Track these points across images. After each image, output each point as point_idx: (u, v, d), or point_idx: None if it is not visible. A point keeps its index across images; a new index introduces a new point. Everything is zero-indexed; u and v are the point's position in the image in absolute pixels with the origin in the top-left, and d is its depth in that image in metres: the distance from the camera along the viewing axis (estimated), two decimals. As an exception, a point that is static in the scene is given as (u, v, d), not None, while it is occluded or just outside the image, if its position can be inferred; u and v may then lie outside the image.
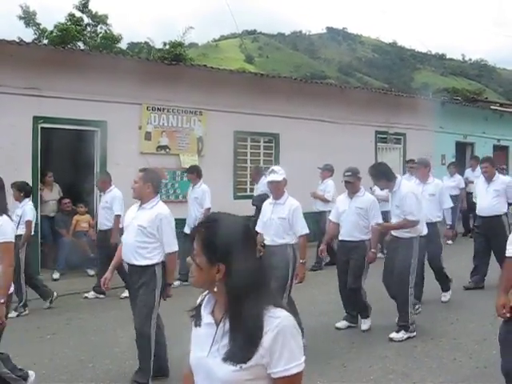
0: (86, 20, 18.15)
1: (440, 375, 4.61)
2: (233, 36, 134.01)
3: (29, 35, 16.89)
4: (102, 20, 18.45)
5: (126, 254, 4.47)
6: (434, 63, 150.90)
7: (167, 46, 16.88)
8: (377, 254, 5.96)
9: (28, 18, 17.92)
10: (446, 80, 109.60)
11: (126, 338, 5.38)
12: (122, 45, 20.20)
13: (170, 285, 4.54)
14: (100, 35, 18.30)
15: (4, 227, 3.74)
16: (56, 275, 8.69)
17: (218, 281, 1.62)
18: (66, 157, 9.97)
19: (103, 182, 7.77)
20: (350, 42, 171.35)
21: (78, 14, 17.75)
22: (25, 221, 6.70)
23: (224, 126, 10.69)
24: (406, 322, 5.52)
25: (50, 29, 17.18)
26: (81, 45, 16.58)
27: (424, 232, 5.82)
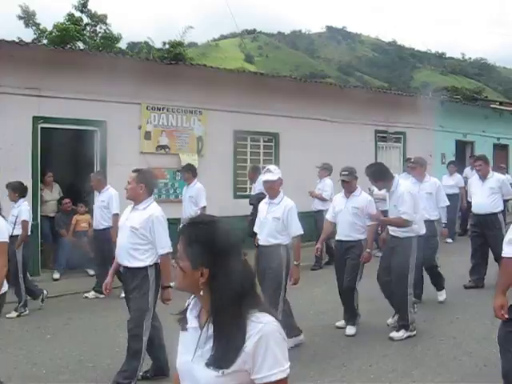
0: (86, 20, 18.08)
1: (440, 374, 4.61)
2: (232, 35, 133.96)
3: (28, 35, 16.86)
4: (102, 20, 18.40)
5: (120, 256, 4.42)
6: (434, 62, 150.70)
7: (167, 46, 16.82)
8: (372, 253, 5.86)
9: (27, 18, 17.88)
10: (445, 79, 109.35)
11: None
12: (122, 44, 20.14)
13: (167, 287, 4.34)
14: (99, 35, 18.25)
15: None
16: (56, 275, 8.71)
17: (202, 285, 1.59)
18: (65, 157, 9.96)
19: (97, 181, 7.67)
20: (350, 41, 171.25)
21: (77, 13, 17.72)
22: (20, 221, 6.67)
23: (224, 126, 10.70)
24: (406, 321, 5.52)
25: (50, 29, 17.15)
26: (80, 45, 16.53)
27: (422, 232, 5.82)
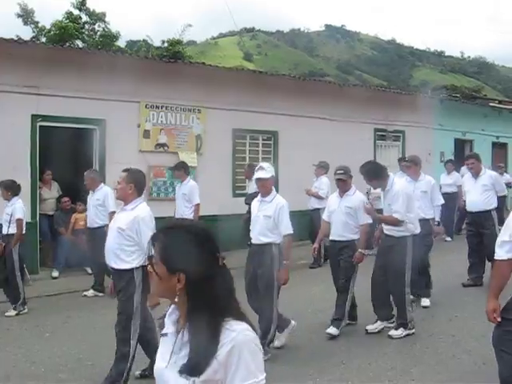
0: (84, 18, 18.07)
1: (439, 372, 4.62)
2: (231, 34, 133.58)
3: (27, 33, 16.84)
4: (100, 18, 18.37)
5: (108, 257, 4.37)
6: (433, 60, 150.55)
7: (166, 44, 16.80)
8: (364, 253, 5.69)
9: (26, 16, 17.86)
10: (444, 77, 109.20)
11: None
12: (121, 43, 20.14)
13: None
14: (98, 33, 18.23)
15: None
16: (55, 273, 8.72)
17: (179, 290, 1.55)
18: (64, 155, 9.93)
19: (91, 179, 7.62)
20: (349, 40, 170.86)
21: (75, 12, 17.68)
22: (15, 219, 6.65)
23: (223, 124, 10.68)
24: (405, 319, 5.53)
25: (48, 27, 17.13)
26: (79, 43, 16.50)
27: (417, 231, 5.78)
